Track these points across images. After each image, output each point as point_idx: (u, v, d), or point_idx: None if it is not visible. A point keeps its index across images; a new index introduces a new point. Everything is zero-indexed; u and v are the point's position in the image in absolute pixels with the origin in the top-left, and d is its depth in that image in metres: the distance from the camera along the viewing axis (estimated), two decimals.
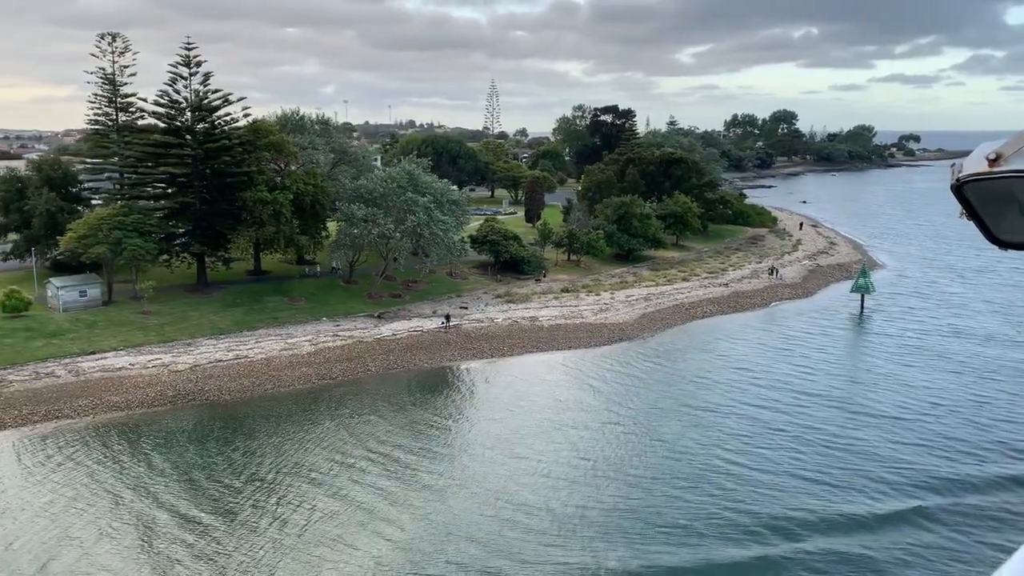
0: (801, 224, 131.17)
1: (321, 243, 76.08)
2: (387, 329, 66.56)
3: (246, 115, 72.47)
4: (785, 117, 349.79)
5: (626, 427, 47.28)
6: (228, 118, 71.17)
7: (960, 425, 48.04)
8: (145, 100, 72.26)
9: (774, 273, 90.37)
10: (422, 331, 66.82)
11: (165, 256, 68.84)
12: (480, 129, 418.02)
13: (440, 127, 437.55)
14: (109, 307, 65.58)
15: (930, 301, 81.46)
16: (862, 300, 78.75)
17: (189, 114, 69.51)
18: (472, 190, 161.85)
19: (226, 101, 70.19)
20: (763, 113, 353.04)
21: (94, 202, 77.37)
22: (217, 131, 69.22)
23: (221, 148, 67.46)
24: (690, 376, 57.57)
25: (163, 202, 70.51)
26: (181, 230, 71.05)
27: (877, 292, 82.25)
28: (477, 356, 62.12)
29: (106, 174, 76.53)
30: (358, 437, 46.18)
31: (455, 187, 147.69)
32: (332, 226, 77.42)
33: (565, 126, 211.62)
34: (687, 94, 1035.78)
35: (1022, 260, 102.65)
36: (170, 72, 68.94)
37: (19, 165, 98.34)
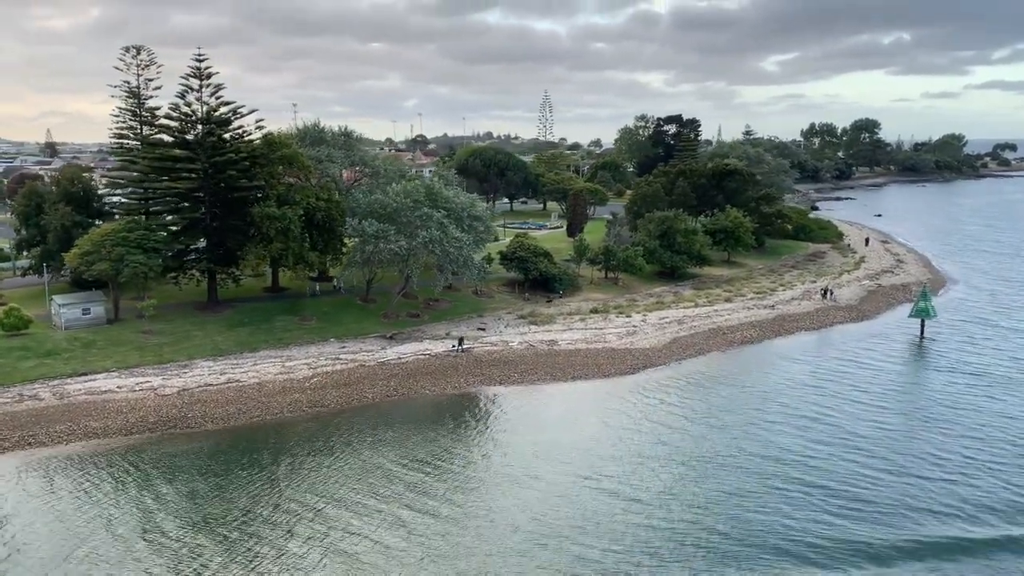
0: (867, 240, 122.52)
1: (339, 260, 73.22)
2: (393, 352, 63.01)
3: (259, 127, 70.30)
4: (867, 126, 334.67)
5: (608, 480, 41.77)
6: (240, 131, 69.05)
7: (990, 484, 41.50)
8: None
9: (828, 294, 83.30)
10: (430, 355, 63.02)
11: (172, 273, 66.87)
12: (556, 140, 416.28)
13: (516, 139, 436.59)
14: (113, 326, 64.04)
15: (997, 328, 73.22)
16: (922, 326, 71.36)
17: (200, 127, 67.62)
18: (524, 203, 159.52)
19: (236, 114, 68.10)
20: (850, 122, 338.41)
21: (117, 217, 76.38)
22: (227, 144, 67.05)
23: (228, 162, 65.29)
24: (706, 413, 51.89)
25: (173, 217, 68.70)
26: (192, 246, 69.11)
27: (941, 316, 74.64)
28: (484, 384, 57.92)
29: (129, 188, 75.55)
30: (339, 477, 42.55)
31: (488, 202, 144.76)
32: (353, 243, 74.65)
33: (627, 137, 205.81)
34: (771, 103, 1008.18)
35: None
36: (181, 84, 67.37)
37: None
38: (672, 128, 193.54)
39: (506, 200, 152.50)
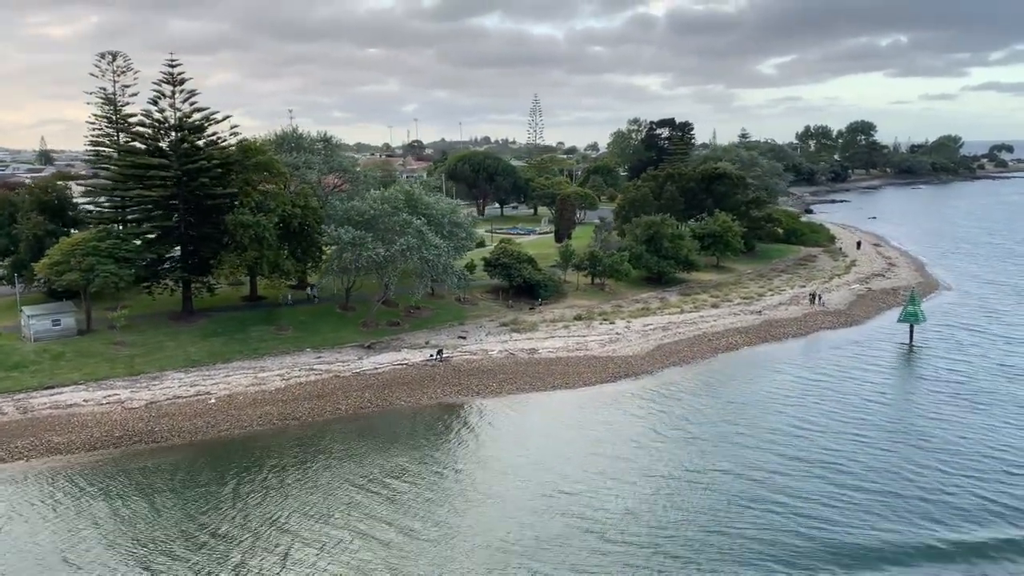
0: (859, 243, 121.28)
1: (318, 267, 71.99)
2: (370, 362, 61.74)
3: (234, 134, 69.09)
4: (863, 128, 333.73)
5: (572, 498, 40.11)
6: (215, 137, 67.82)
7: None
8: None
9: (816, 299, 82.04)
10: (407, 364, 61.74)
11: (146, 283, 65.61)
12: (554, 144, 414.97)
13: (513, 143, 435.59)
14: (84, 337, 62.74)
15: (985, 334, 71.50)
16: (911, 331, 70.10)
17: (174, 134, 66.42)
18: (514, 207, 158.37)
19: (208, 120, 66.88)
20: (846, 125, 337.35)
21: (92, 226, 75.15)
22: (200, 151, 65.83)
23: (200, 169, 64.06)
24: (682, 427, 50.23)
25: (146, 226, 67.42)
26: (167, 255, 67.84)
27: (931, 320, 73.39)
28: (461, 394, 56.62)
29: (103, 197, 74.37)
30: (303, 494, 41.24)
31: (478, 207, 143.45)
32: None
33: (620, 140, 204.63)
34: (770, 106, 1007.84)
35: None
36: (154, 91, 66.17)
37: None
38: (665, 131, 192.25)
39: (497, 205, 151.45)
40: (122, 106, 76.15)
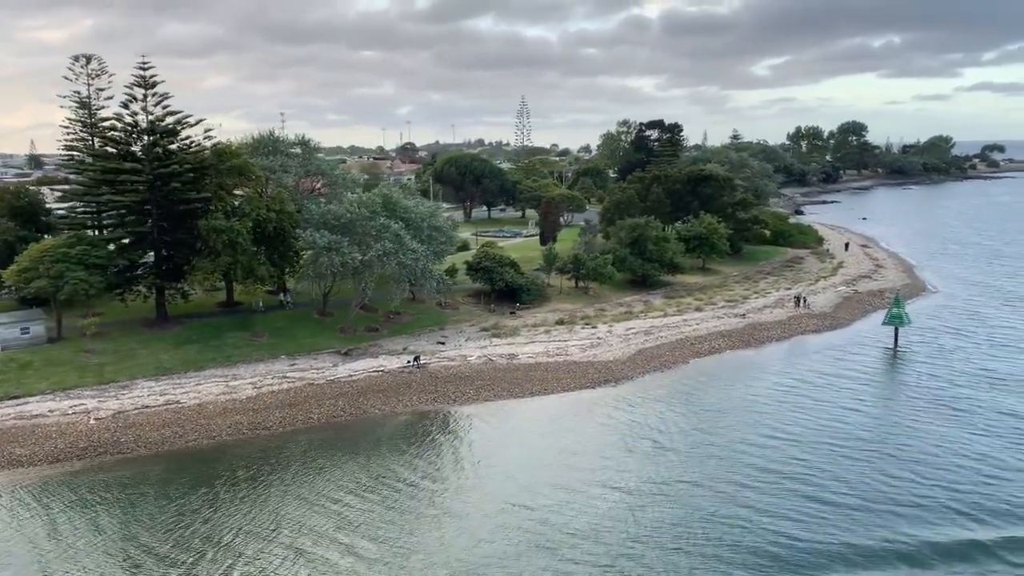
0: (847, 244, 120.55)
1: (295, 272, 70.94)
2: (345, 369, 60.69)
3: (208, 138, 68.05)
4: (854, 128, 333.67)
5: (538, 512, 38.86)
6: (188, 141, 66.75)
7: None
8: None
9: (801, 302, 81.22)
10: (383, 371, 60.72)
11: (118, 290, 64.49)
12: (547, 146, 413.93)
13: (507, 145, 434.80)
14: (54, 345, 61.59)
15: (968, 338, 70.47)
16: (896, 334, 69.34)
17: (147, 138, 65.32)
18: (502, 210, 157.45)
19: (181, 123, 65.82)
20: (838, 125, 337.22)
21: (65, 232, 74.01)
22: (173, 156, 64.77)
23: (172, 174, 62.99)
24: (656, 436, 49.00)
25: (119, 231, 66.29)
26: (141, 261, 66.74)
27: (917, 323, 72.66)
28: (437, 402, 55.62)
29: (73, 202, 73.23)
30: (268, 507, 40.20)
31: (465, 209, 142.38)
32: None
33: (610, 142, 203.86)
34: (764, 107, 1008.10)
35: None
36: (125, 94, 65.12)
37: None
38: (654, 133, 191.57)
39: (484, 207, 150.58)
40: (97, 110, 75.35)
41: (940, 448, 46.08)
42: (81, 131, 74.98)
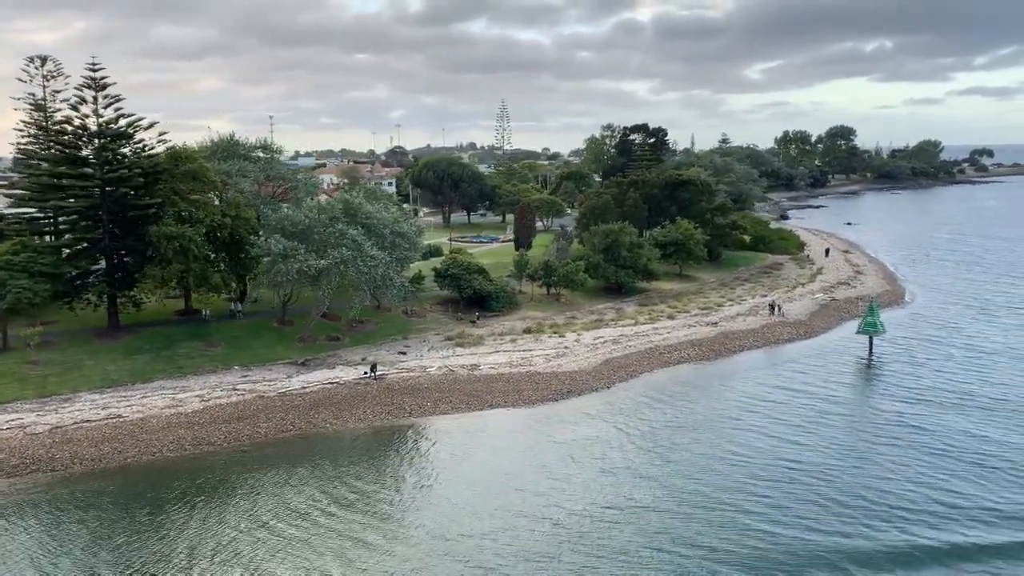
0: (828, 250, 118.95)
1: (254, 280, 68.84)
2: (298, 381, 58.65)
3: (162, 141, 65.99)
4: (843, 133, 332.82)
5: (468, 541, 36.65)
6: (140, 146, 64.68)
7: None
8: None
9: (775, 310, 79.50)
10: (339, 383, 58.70)
11: (67, 298, 62.31)
12: (539, 150, 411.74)
13: (499, 149, 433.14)
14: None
15: (942, 347, 68.40)
16: (870, 343, 67.69)
17: (98, 141, 63.19)
18: (482, 215, 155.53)
19: (134, 126, 63.76)
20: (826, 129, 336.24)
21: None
22: (123, 159, 62.72)
23: (120, 178, 60.91)
24: (611, 454, 47.12)
25: (68, 237, 64.11)
26: (92, 268, 64.56)
27: (893, 332, 71.07)
28: (391, 416, 53.59)
29: (22, 208, 71.06)
30: (198, 530, 38.13)
31: (444, 214, 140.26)
32: None
33: (594, 146, 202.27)
34: (757, 111, 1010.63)
35: None
36: (75, 95, 63.00)
37: None
38: (639, 137, 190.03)
39: (463, 212, 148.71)
40: (52, 112, 73.29)
41: (891, 474, 43.40)
42: (35, 134, 73.01)
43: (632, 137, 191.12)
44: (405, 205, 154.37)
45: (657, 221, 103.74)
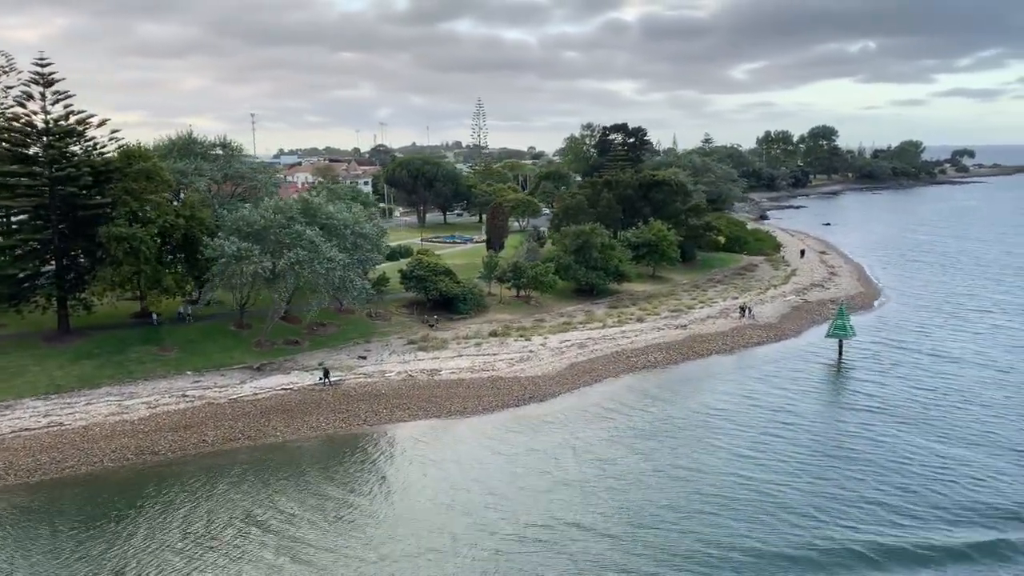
0: (803, 252, 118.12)
1: (211, 282, 66.88)
2: (251, 387, 56.89)
3: (113, 139, 64.02)
4: (824, 133, 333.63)
5: (402, 563, 34.83)
6: (91, 143, 62.75)
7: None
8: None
9: (746, 312, 78.35)
10: (293, 389, 56.98)
11: (13, 301, 60.28)
12: (525, 149, 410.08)
13: (485, 148, 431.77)
14: None
15: (910, 353, 66.80)
16: (840, 347, 66.64)
17: (46, 139, 61.19)
18: (459, 215, 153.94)
19: (84, 123, 61.81)
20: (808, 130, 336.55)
21: None
22: (72, 158, 60.78)
23: (68, 177, 58.97)
24: (565, 463, 45.37)
25: (16, 238, 62.00)
26: (43, 270, 62.57)
27: (864, 335, 70.12)
28: (345, 423, 51.90)
29: None
30: (123, 548, 36.39)
31: (418, 214, 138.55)
32: None
33: (573, 146, 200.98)
34: (742, 111, 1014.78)
35: None
36: (22, 91, 60.99)
37: None
38: (618, 137, 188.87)
39: (441, 212, 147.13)
40: (3, 109, 71.15)
41: (844, 489, 41.57)
42: None
43: (612, 137, 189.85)
44: (381, 204, 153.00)
45: (632, 222, 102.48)
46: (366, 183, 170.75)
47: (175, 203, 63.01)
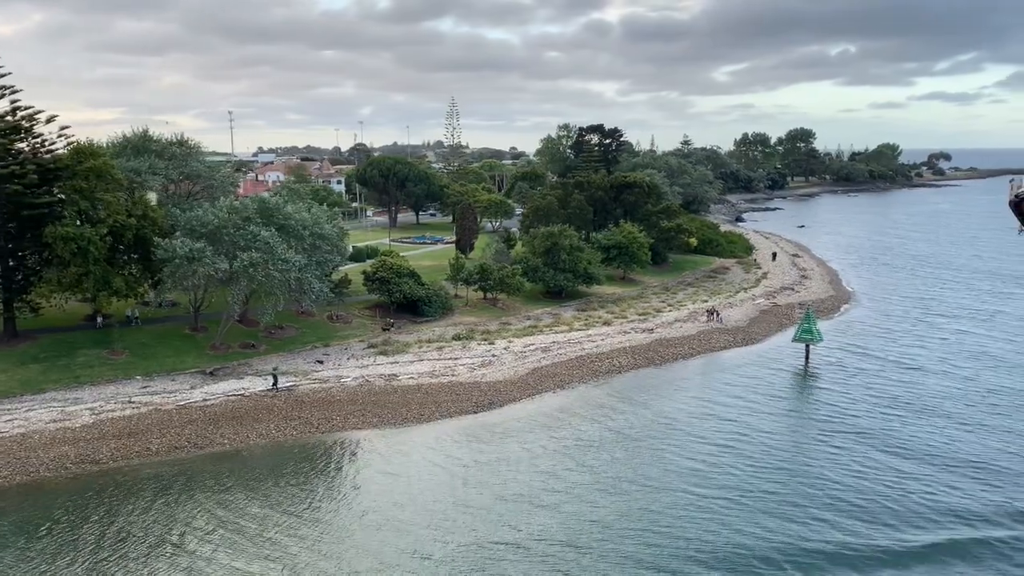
0: (774, 254, 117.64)
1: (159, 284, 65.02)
2: (201, 393, 55.18)
3: (62, 136, 62.01)
4: (802, 135, 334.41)
5: None
6: (39, 140, 60.80)
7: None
8: None
9: (713, 316, 77.50)
10: (244, 395, 55.35)
11: None
12: (508, 149, 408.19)
13: (466, 147, 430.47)
14: None
15: (874, 360, 65.90)
16: (807, 351, 65.86)
17: None
18: (432, 215, 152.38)
19: (31, 120, 59.86)
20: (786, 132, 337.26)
21: None
22: (21, 155, 58.81)
23: (12, 175, 56.99)
24: (514, 474, 44.30)
25: None
26: None
27: (832, 340, 69.59)
28: (296, 431, 50.38)
29: None
30: (68, 560, 34.78)
31: (390, 214, 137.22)
32: None
33: (550, 147, 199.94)
34: (723, 113, 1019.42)
35: (1003, 303, 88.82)
36: None
37: None
38: (595, 138, 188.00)
39: (411, 212, 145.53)
40: None
41: (799, 505, 40.78)
42: None
43: (589, 137, 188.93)
44: (354, 204, 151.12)
45: (603, 224, 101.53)
46: (339, 182, 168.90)
47: (126, 202, 60.94)
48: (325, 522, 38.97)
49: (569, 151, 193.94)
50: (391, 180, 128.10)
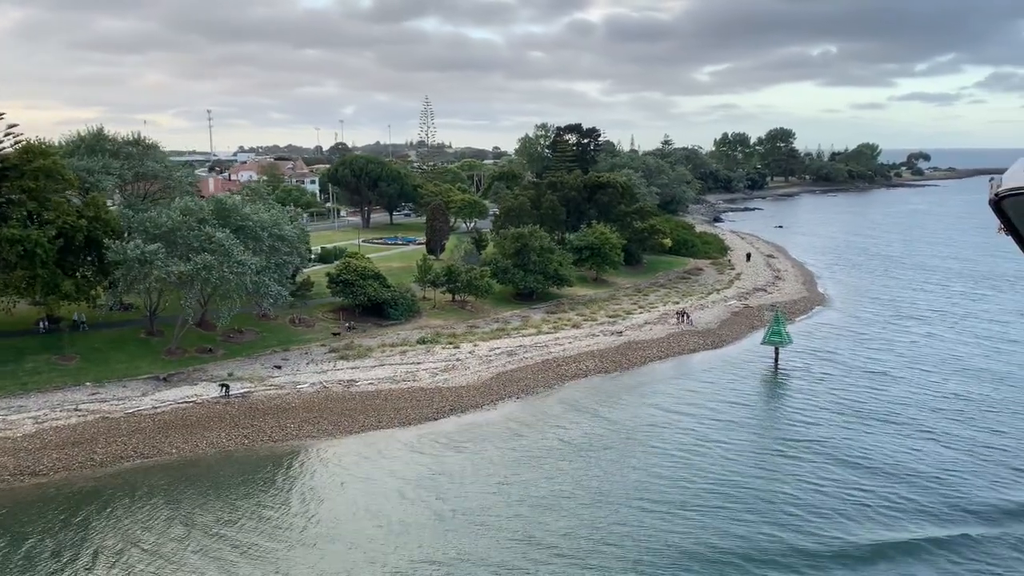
0: (749, 255, 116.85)
1: (117, 287, 63.17)
2: (151, 400, 53.47)
3: (10, 135, 60.00)
4: (782, 135, 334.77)
5: None
6: None
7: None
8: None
9: (683, 318, 76.45)
10: (196, 402, 53.66)
11: None
12: (491, 149, 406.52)
13: (448, 147, 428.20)
14: None
15: (841, 366, 64.35)
16: (776, 354, 64.89)
17: None
18: (407, 215, 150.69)
19: None
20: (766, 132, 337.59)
21: None
22: None
23: None
24: (470, 487, 42.87)
25: None
26: None
27: (801, 342, 68.61)
28: (249, 440, 48.69)
29: None
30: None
31: (362, 214, 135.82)
32: None
33: (528, 146, 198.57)
34: (706, 113, 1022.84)
35: (974, 304, 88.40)
36: None
37: None
38: (573, 137, 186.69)
39: (385, 212, 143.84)
40: None
41: (764, 514, 40.27)
42: None
43: (567, 137, 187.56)
44: (328, 204, 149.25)
45: (577, 224, 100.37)
46: (313, 182, 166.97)
47: (76, 203, 59.09)
48: (272, 535, 37.41)
49: (547, 151, 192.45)
50: (363, 180, 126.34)
